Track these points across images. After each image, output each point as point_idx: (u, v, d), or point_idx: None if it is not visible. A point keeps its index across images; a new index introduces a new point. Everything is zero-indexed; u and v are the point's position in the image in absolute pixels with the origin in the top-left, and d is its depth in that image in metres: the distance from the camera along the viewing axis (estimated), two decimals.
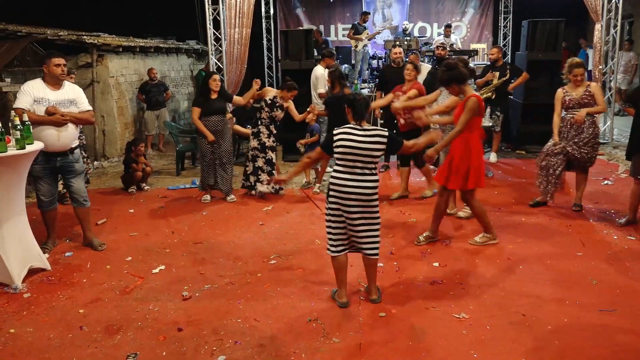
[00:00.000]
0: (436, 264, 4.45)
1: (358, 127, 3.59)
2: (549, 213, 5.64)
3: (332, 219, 3.68)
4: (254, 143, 6.62)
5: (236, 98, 6.65)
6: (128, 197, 6.82)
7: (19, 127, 4.05)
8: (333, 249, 3.72)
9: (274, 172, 6.60)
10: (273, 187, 6.55)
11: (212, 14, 8.88)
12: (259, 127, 6.59)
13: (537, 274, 4.22)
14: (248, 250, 4.88)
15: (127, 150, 7.25)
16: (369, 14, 12.06)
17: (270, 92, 6.63)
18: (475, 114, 4.49)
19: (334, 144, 3.59)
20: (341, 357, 3.17)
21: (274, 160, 6.65)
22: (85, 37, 8.73)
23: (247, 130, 8.25)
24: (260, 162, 6.57)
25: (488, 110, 7.49)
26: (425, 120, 5.14)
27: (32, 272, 4.40)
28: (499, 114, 7.59)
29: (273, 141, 6.63)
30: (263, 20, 12.60)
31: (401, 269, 4.39)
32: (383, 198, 6.27)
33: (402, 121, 6.07)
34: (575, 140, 5.43)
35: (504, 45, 12.92)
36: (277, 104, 6.53)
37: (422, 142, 3.97)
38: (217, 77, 6.27)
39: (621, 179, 6.89)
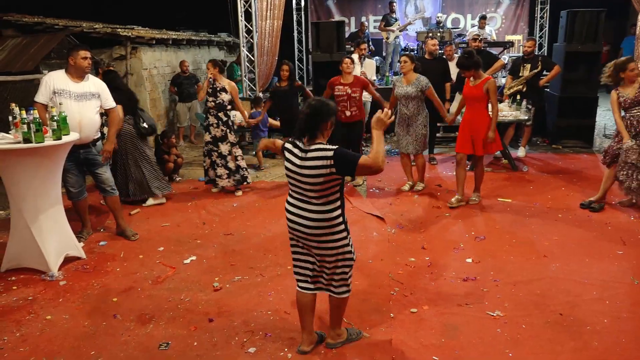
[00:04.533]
0: (469, 260, 4.36)
1: (301, 145, 2.88)
2: (587, 210, 5.46)
3: (292, 248, 3.11)
4: (207, 137, 6.36)
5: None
6: None
7: (55, 118, 4.12)
8: (297, 282, 3.15)
9: (230, 164, 6.30)
10: (235, 180, 6.35)
11: (244, 6, 8.90)
12: (209, 118, 6.31)
13: (575, 273, 4.08)
14: (278, 242, 4.87)
15: (156, 143, 7.35)
16: (395, 2, 11.84)
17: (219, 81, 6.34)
18: None
19: None
20: (372, 352, 3.13)
21: (227, 152, 6.29)
22: (119, 29, 8.85)
23: (276, 122, 8.19)
24: (214, 157, 6.33)
25: (523, 103, 7.31)
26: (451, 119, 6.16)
27: (68, 260, 4.49)
28: (530, 107, 7.38)
29: (223, 130, 6.27)
30: (294, 12, 12.57)
31: (433, 264, 4.31)
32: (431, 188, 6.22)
33: (347, 113, 6.30)
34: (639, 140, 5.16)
35: (540, 37, 12.58)
36: (218, 88, 6.24)
37: (380, 147, 2.78)
38: None
39: None
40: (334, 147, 2.79)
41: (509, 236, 4.85)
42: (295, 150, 2.88)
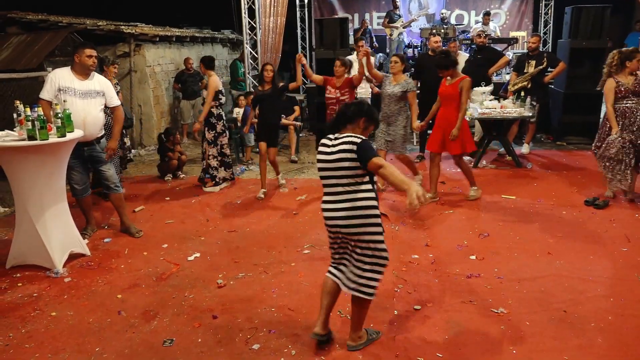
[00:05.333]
0: (473, 257, 4.36)
1: (332, 136, 3.02)
2: (591, 207, 5.44)
3: (331, 247, 3.16)
4: None
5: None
6: (164, 185, 6.92)
7: (59, 115, 4.13)
8: (330, 265, 3.19)
9: (204, 161, 6.63)
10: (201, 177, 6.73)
11: (247, 3, 8.89)
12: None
13: (579, 270, 4.07)
14: (282, 239, 4.88)
15: (159, 142, 7.37)
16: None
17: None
18: None
19: None
20: (375, 349, 3.13)
21: (203, 150, 6.59)
22: (123, 27, 8.86)
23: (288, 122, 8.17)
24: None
25: (528, 99, 7.28)
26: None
27: (72, 257, 4.51)
28: (534, 103, 7.36)
29: (206, 128, 6.48)
30: (297, 9, 12.54)
31: (437, 261, 4.31)
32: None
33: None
34: (633, 129, 5.24)
35: (545, 33, 12.51)
36: (205, 85, 6.45)
37: (400, 178, 2.73)
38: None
39: None
40: (361, 137, 2.92)
41: (512, 233, 4.84)
42: (327, 142, 3.01)
